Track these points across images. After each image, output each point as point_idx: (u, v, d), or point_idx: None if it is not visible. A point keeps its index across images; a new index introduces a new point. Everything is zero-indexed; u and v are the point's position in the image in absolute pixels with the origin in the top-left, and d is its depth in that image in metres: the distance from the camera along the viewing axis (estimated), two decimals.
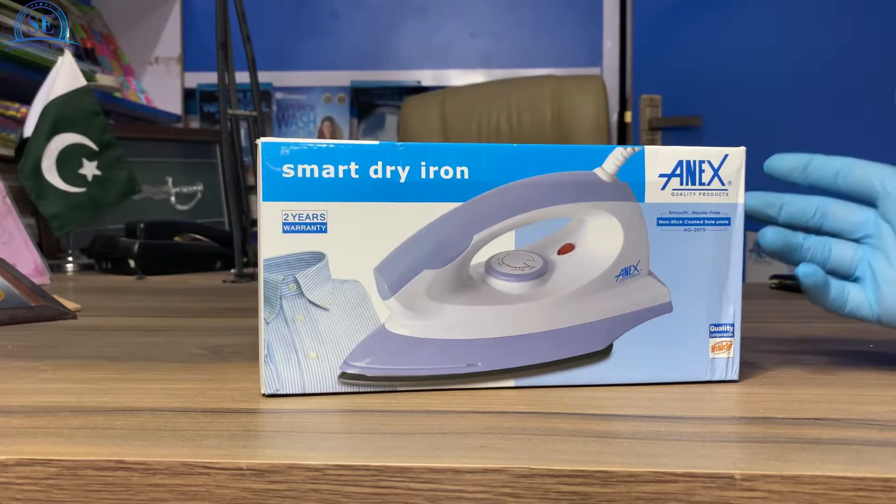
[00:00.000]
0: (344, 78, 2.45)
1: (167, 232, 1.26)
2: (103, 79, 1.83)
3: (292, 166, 0.33)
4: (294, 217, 0.34)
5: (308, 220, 0.33)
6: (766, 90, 2.13)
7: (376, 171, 0.33)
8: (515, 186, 0.28)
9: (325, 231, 0.33)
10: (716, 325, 0.39)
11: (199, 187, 1.79)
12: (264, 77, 2.37)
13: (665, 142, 2.22)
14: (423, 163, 0.34)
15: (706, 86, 2.20)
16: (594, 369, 0.31)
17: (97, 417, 0.36)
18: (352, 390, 0.34)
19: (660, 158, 0.36)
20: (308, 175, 0.33)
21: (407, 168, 0.34)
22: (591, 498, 0.29)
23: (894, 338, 0.58)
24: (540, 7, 2.39)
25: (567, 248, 0.28)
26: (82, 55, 1.92)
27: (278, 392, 0.36)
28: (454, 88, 2.14)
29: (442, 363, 0.27)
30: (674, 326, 0.36)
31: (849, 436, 0.33)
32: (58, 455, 0.30)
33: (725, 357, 0.39)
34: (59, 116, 1.18)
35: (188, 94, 2.45)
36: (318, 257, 0.33)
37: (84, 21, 2.04)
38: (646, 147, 0.36)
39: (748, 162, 0.41)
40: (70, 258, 1.33)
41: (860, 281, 0.45)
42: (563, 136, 1.92)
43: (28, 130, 1.19)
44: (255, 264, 1.26)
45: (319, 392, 0.36)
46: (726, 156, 0.38)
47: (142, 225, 1.21)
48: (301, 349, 0.34)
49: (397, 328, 0.27)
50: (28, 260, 1.00)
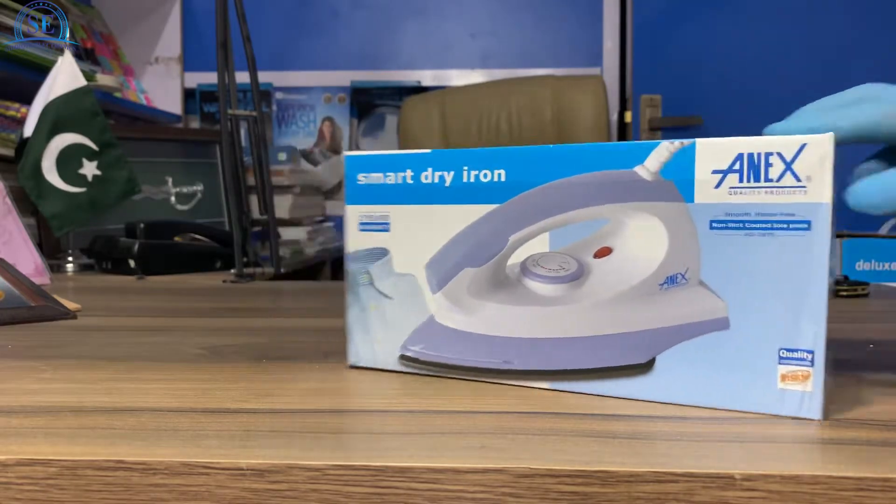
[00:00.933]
0: (344, 78, 2.45)
1: (167, 232, 1.26)
2: (103, 79, 1.83)
3: (365, 175, 0.39)
4: (366, 218, 0.40)
5: (376, 221, 0.39)
6: (766, 90, 2.13)
7: (427, 177, 0.38)
8: (551, 187, 0.28)
9: (388, 230, 0.39)
10: (788, 350, 0.33)
11: (199, 187, 1.79)
12: (264, 77, 2.37)
13: None
14: (465, 167, 0.37)
15: (706, 86, 2.20)
16: (634, 383, 0.27)
17: (97, 417, 0.36)
18: (410, 370, 0.38)
19: (714, 152, 0.31)
20: (376, 181, 0.39)
21: (451, 173, 0.37)
22: (591, 498, 0.29)
23: (894, 338, 0.58)
24: (540, 7, 2.39)
25: (604, 252, 0.26)
26: (82, 55, 1.92)
27: (357, 364, 0.41)
28: (454, 88, 2.14)
29: (481, 357, 0.29)
30: (731, 347, 0.30)
31: (849, 436, 0.33)
32: (58, 455, 0.30)
33: (800, 390, 0.33)
34: (60, 116, 1.18)
35: (188, 94, 2.45)
36: (384, 252, 0.39)
37: (84, 21, 2.04)
38: (698, 140, 0.31)
39: None
40: (70, 258, 1.33)
41: None
42: (563, 137, 1.92)
43: (28, 130, 1.20)
44: (256, 264, 1.26)
45: (387, 369, 0.40)
46: (803, 145, 0.31)
47: (142, 225, 1.21)
48: (372, 331, 0.40)
49: (444, 320, 0.30)
50: (28, 260, 1.00)
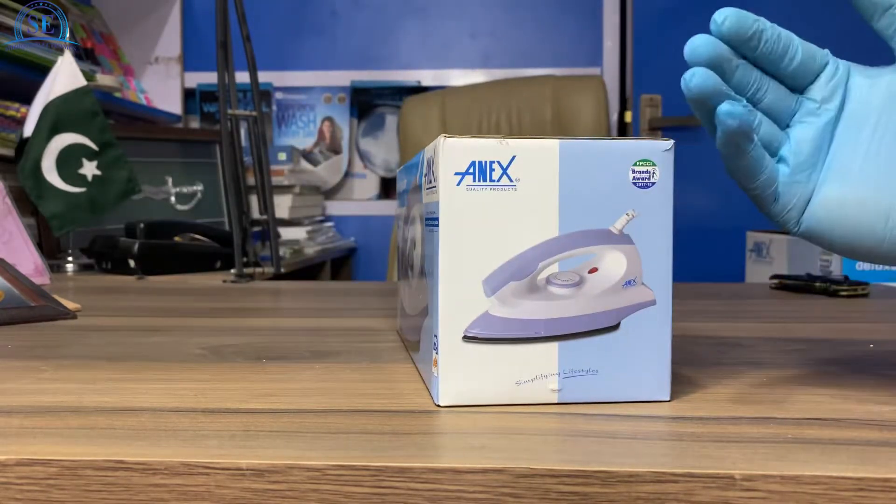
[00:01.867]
0: (344, 78, 2.45)
1: (167, 232, 1.26)
2: (103, 79, 1.83)
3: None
4: None
5: None
6: None
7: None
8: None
9: None
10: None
11: (199, 187, 1.79)
12: (264, 77, 2.37)
13: None
14: None
15: None
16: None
17: (97, 417, 0.36)
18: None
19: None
20: None
21: None
22: (591, 498, 0.29)
23: (894, 338, 0.59)
24: (540, 7, 2.39)
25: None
26: (82, 55, 1.93)
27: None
28: (454, 88, 2.14)
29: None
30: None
31: (849, 436, 0.33)
32: (58, 455, 0.30)
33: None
34: (59, 116, 1.19)
35: (188, 94, 2.45)
36: None
37: (84, 21, 2.04)
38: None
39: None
40: (70, 258, 1.33)
41: (784, 161, 0.39)
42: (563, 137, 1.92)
43: (28, 130, 1.20)
44: (256, 264, 1.26)
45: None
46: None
47: (142, 225, 1.21)
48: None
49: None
50: (28, 260, 1.00)
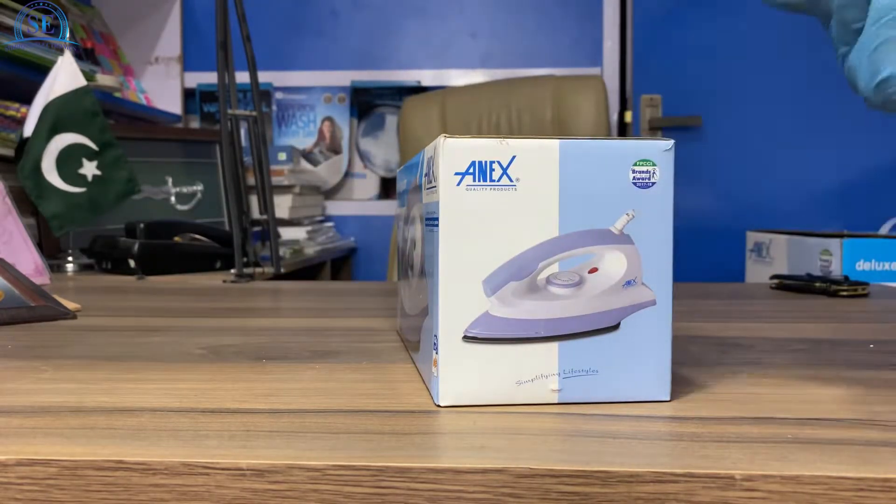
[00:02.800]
0: (344, 78, 2.45)
1: (167, 232, 1.26)
2: (103, 79, 1.83)
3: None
4: None
5: None
6: (766, 90, 2.13)
7: None
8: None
9: None
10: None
11: (199, 187, 1.79)
12: (264, 77, 2.38)
13: None
14: None
15: (706, 86, 2.20)
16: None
17: (97, 417, 0.36)
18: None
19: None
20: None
21: None
22: (591, 498, 0.29)
23: (894, 338, 0.59)
24: (540, 7, 2.39)
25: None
26: (82, 55, 1.93)
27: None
28: (454, 88, 2.14)
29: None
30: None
31: (849, 436, 0.33)
32: (58, 455, 0.30)
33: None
34: (59, 116, 1.19)
35: (188, 94, 2.45)
36: None
37: (84, 21, 2.04)
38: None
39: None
40: (70, 258, 1.33)
41: None
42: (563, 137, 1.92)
43: (28, 130, 1.20)
44: (256, 264, 1.26)
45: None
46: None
47: (142, 225, 1.21)
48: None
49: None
50: (28, 260, 1.00)
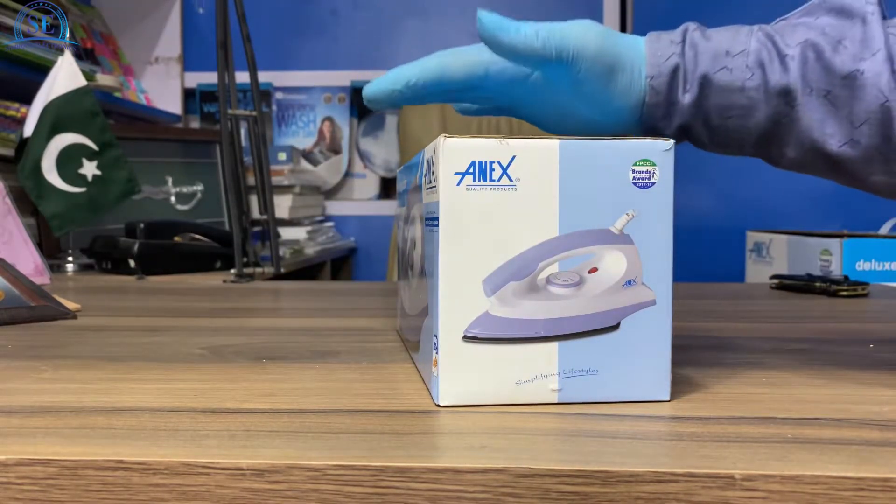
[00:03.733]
0: (344, 78, 2.45)
1: (167, 232, 1.26)
2: (103, 79, 1.83)
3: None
4: None
5: None
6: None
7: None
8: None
9: None
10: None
11: (199, 187, 1.79)
12: (264, 77, 2.37)
13: None
14: None
15: None
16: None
17: (97, 417, 0.36)
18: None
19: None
20: None
21: None
22: (591, 498, 0.29)
23: (894, 338, 0.59)
24: (540, 7, 2.39)
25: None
26: (82, 55, 1.92)
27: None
28: None
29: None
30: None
31: (849, 436, 0.33)
32: (58, 455, 0.30)
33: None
34: (59, 116, 1.19)
35: (188, 94, 2.45)
36: None
37: (84, 21, 2.04)
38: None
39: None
40: (70, 258, 1.33)
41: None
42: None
43: (28, 130, 1.20)
44: (256, 264, 1.26)
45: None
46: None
47: (142, 225, 1.21)
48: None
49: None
50: (28, 260, 1.00)
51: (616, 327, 0.39)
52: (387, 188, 2.50)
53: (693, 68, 0.43)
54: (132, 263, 1.17)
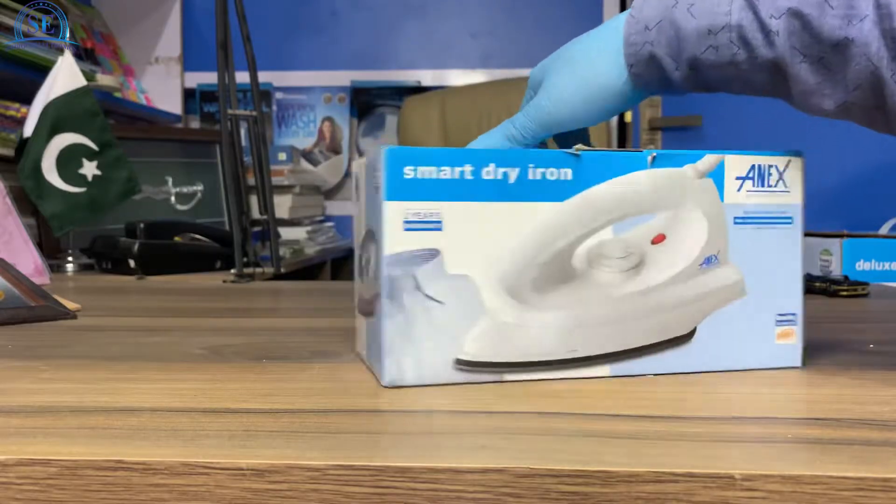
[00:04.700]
0: (344, 78, 2.45)
1: (167, 232, 1.26)
2: (103, 79, 1.82)
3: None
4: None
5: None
6: None
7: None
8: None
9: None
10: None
11: (199, 187, 1.79)
12: (264, 77, 2.37)
13: (665, 142, 2.22)
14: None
15: None
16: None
17: (97, 417, 0.36)
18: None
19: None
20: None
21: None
22: (591, 498, 0.29)
23: (894, 338, 0.59)
24: (540, 7, 2.39)
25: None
26: (82, 55, 1.92)
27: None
28: (454, 88, 2.14)
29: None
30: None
31: (849, 436, 0.33)
32: (58, 455, 0.30)
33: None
34: (60, 116, 1.18)
35: (188, 94, 2.45)
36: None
37: (84, 21, 2.04)
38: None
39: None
40: (70, 258, 1.33)
41: None
42: None
43: (28, 130, 1.19)
44: (256, 264, 1.26)
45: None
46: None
47: (142, 225, 1.21)
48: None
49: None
50: (28, 260, 1.00)
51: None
52: None
53: (677, 52, 0.43)
54: (132, 263, 1.17)
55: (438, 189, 0.37)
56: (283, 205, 2.06)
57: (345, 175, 2.49)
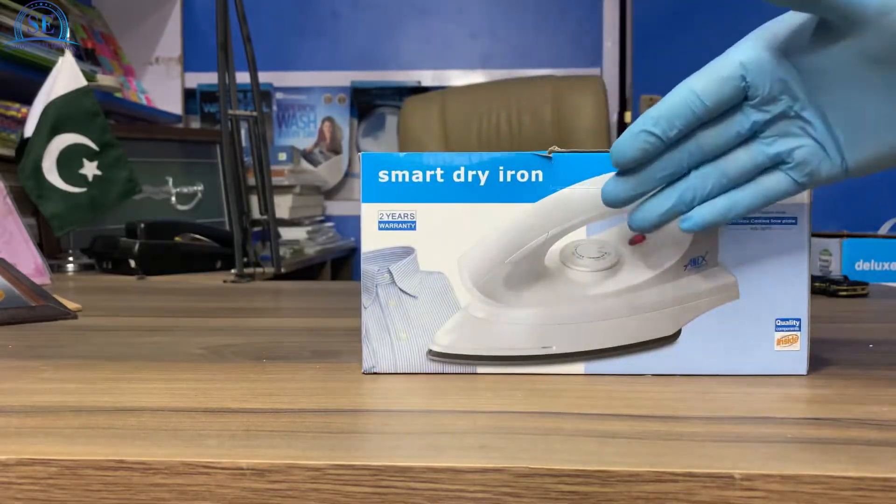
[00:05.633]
0: (344, 78, 2.45)
1: (167, 232, 1.26)
2: (104, 79, 1.83)
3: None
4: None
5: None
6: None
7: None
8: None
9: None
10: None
11: (200, 187, 1.79)
12: (264, 77, 2.37)
13: None
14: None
15: None
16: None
17: (97, 417, 0.36)
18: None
19: None
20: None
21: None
22: (591, 498, 0.29)
23: (894, 338, 0.59)
24: (540, 7, 2.39)
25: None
26: (83, 55, 1.92)
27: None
28: (454, 89, 2.14)
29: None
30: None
31: (849, 436, 0.33)
32: (58, 455, 0.30)
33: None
34: (60, 116, 1.19)
35: (188, 95, 2.45)
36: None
37: (84, 21, 2.04)
38: None
39: None
40: (70, 258, 1.33)
41: (785, 166, 0.37)
42: (563, 137, 1.92)
43: (29, 130, 1.20)
44: (256, 264, 1.26)
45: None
46: None
47: (142, 225, 1.21)
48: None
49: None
50: (28, 260, 1.00)
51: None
52: None
53: None
54: (132, 263, 1.17)
55: (411, 191, 0.39)
56: (284, 205, 2.06)
57: (345, 175, 2.49)
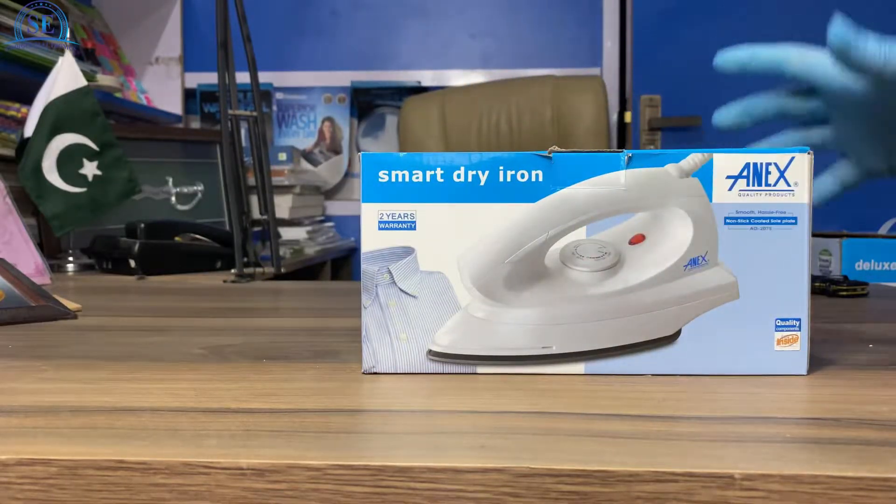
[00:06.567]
0: (344, 78, 2.45)
1: (167, 232, 1.26)
2: (104, 79, 1.83)
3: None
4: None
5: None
6: (765, 90, 2.12)
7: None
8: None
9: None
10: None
11: (200, 187, 1.79)
12: (264, 77, 2.37)
13: (665, 142, 2.22)
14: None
15: (706, 86, 2.20)
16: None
17: (97, 417, 0.36)
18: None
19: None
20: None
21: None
22: (591, 497, 0.29)
23: (894, 338, 0.59)
24: (540, 7, 2.39)
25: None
26: (83, 55, 1.92)
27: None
28: (454, 88, 2.14)
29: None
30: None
31: (848, 436, 0.33)
32: (58, 455, 0.30)
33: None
34: (60, 116, 1.19)
35: (188, 94, 2.45)
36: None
37: (84, 21, 2.04)
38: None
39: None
40: (70, 258, 1.33)
41: None
42: (563, 137, 1.92)
43: (28, 130, 1.20)
44: (256, 264, 1.26)
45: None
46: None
47: (142, 225, 1.21)
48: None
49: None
50: (28, 260, 1.00)
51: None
52: None
53: None
54: (132, 263, 1.17)
55: (411, 191, 0.39)
56: (284, 205, 2.06)
57: (345, 175, 2.49)
